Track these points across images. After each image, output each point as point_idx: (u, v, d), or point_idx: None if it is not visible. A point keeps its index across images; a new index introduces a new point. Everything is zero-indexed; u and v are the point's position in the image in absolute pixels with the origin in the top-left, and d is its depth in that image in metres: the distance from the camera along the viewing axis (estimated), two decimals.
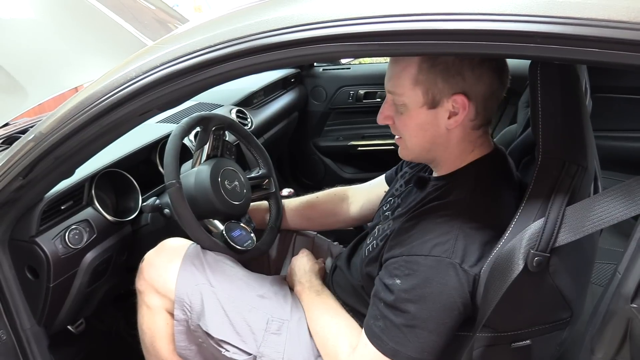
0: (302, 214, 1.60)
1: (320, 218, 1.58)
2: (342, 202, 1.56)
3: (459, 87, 0.93)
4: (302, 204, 1.62)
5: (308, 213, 1.60)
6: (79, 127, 0.98)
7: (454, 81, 0.92)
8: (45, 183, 1.15)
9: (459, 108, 0.94)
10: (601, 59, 0.66)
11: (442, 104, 0.95)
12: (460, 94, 0.93)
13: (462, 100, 0.93)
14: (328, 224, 1.56)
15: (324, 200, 1.58)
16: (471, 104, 0.95)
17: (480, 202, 0.97)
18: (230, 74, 0.87)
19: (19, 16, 1.80)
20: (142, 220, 1.53)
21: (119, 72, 0.95)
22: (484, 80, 0.93)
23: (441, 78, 0.93)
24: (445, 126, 0.97)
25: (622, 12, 0.63)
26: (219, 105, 2.21)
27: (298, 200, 1.64)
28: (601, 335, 0.72)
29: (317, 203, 1.59)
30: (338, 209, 1.55)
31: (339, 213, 1.54)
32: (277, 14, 0.82)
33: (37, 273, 1.27)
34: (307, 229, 1.61)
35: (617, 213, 0.72)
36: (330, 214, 1.56)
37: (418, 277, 0.92)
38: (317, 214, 1.58)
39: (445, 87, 0.93)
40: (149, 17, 2.29)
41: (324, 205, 1.58)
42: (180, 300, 1.20)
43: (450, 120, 0.96)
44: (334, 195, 1.58)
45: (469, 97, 0.94)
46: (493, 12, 0.68)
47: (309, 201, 1.61)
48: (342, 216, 1.54)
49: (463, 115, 0.95)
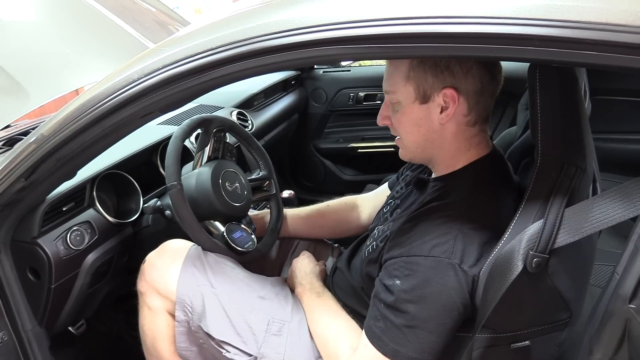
0: (313, 223, 1.61)
1: (331, 226, 1.59)
2: (352, 210, 1.58)
3: (448, 82, 0.95)
4: (313, 212, 1.63)
5: (320, 221, 1.61)
6: (82, 129, 0.99)
7: (442, 76, 0.95)
8: (48, 184, 1.15)
9: (449, 102, 0.96)
10: (599, 62, 0.66)
11: (433, 98, 0.97)
12: (449, 87, 0.95)
13: (451, 94, 0.95)
14: (339, 232, 1.57)
15: (335, 209, 1.60)
16: (462, 98, 0.96)
17: (479, 203, 0.98)
18: (232, 77, 0.88)
19: (20, 18, 1.80)
20: (143, 222, 1.54)
21: (121, 75, 0.95)
22: (473, 74, 0.95)
23: (431, 73, 0.95)
24: (438, 121, 0.99)
25: (619, 15, 0.63)
26: (219, 108, 2.22)
27: (309, 209, 1.65)
28: (599, 336, 0.72)
29: (328, 212, 1.60)
30: (349, 217, 1.57)
31: (350, 221, 1.55)
32: (278, 16, 0.83)
33: (39, 274, 1.27)
34: (317, 237, 1.62)
35: (615, 214, 0.72)
36: (342, 222, 1.57)
37: (418, 278, 0.93)
38: (328, 222, 1.59)
39: (435, 82, 0.96)
40: (149, 19, 2.29)
41: (335, 214, 1.59)
42: (182, 301, 1.20)
43: (442, 114, 0.98)
44: (345, 204, 1.60)
45: (459, 91, 0.96)
46: (492, 16, 0.69)
47: (319, 210, 1.62)
48: (354, 224, 1.55)
49: (453, 109, 0.97)
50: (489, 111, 1.03)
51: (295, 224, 1.62)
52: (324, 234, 1.60)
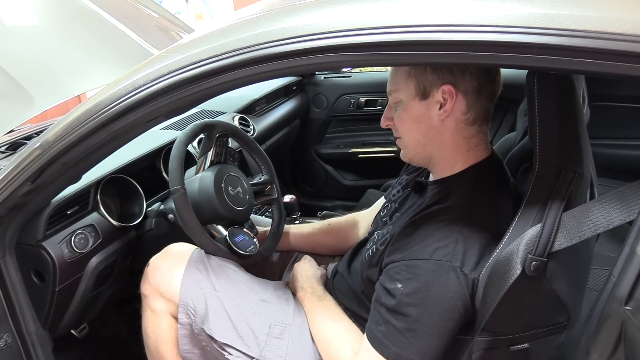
0: (316, 241, 1.62)
1: (333, 245, 1.60)
2: (353, 227, 1.59)
3: (447, 78, 0.98)
4: (315, 230, 1.64)
5: (322, 240, 1.61)
6: (88, 133, 1.00)
7: (441, 73, 0.98)
8: (53, 188, 1.16)
9: (448, 98, 0.99)
10: (596, 69, 0.68)
11: (432, 94, 1.00)
12: (448, 84, 0.98)
13: (449, 90, 0.98)
14: (340, 249, 1.57)
15: (337, 228, 1.61)
16: (460, 95, 0.99)
17: (479, 206, 0.99)
18: (236, 83, 0.89)
19: (24, 23, 1.82)
20: (147, 226, 1.55)
21: (127, 80, 0.97)
22: (470, 72, 0.98)
23: (430, 70, 0.98)
24: (437, 117, 1.01)
25: (616, 24, 0.65)
26: (222, 113, 2.24)
27: (311, 227, 1.66)
28: (596, 337, 0.73)
29: (330, 230, 1.61)
30: (350, 234, 1.58)
31: (351, 239, 1.56)
32: (281, 24, 0.84)
33: (43, 277, 1.28)
34: (319, 253, 1.63)
35: (612, 219, 0.74)
36: (344, 240, 1.58)
37: (419, 281, 0.94)
38: (331, 241, 1.60)
39: (435, 78, 0.99)
40: (151, 24, 2.30)
41: (337, 232, 1.60)
42: (185, 304, 1.21)
43: (441, 110, 1.00)
44: (346, 222, 1.61)
45: (457, 88, 0.98)
46: (492, 24, 0.70)
47: (322, 228, 1.63)
48: (355, 240, 1.55)
49: (451, 105, 0.99)
50: (488, 113, 1.05)
51: (297, 242, 1.64)
52: (326, 251, 1.61)
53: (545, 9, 0.68)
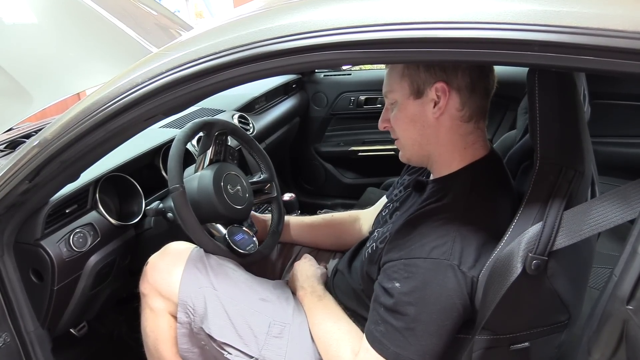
0: (318, 231, 1.63)
1: (336, 236, 1.61)
2: (355, 222, 1.59)
3: (439, 76, 0.98)
4: (319, 220, 1.65)
5: (325, 230, 1.62)
6: (86, 132, 1.00)
7: (434, 70, 0.98)
8: (51, 186, 1.16)
9: (441, 95, 0.99)
10: (597, 67, 0.67)
11: (426, 93, 1.00)
12: (440, 81, 0.98)
13: (442, 87, 0.98)
14: (342, 243, 1.58)
15: (340, 220, 1.62)
16: (453, 92, 0.99)
17: (477, 204, 0.99)
18: (235, 80, 0.89)
19: (23, 21, 1.81)
20: (146, 224, 1.55)
21: (125, 78, 0.96)
22: (462, 68, 0.98)
23: (423, 68, 0.99)
24: (432, 115, 1.01)
25: (617, 21, 0.64)
26: (221, 111, 2.23)
27: (314, 217, 1.67)
28: (598, 337, 0.73)
29: (333, 222, 1.63)
30: (352, 228, 1.59)
31: (353, 233, 1.57)
32: (281, 22, 0.83)
33: (42, 276, 1.28)
34: (320, 246, 1.63)
35: (613, 217, 0.73)
36: (346, 233, 1.58)
37: (417, 280, 0.94)
38: (333, 232, 1.61)
39: (427, 77, 0.99)
40: (151, 22, 2.29)
41: (340, 225, 1.61)
42: (184, 303, 1.21)
43: (435, 108, 1.00)
44: (349, 216, 1.62)
45: (450, 85, 0.98)
46: (493, 21, 0.69)
47: (325, 219, 1.65)
48: (356, 236, 1.56)
49: (445, 102, 0.99)
50: (484, 109, 1.04)
51: (300, 230, 1.64)
52: (327, 243, 1.62)
53: (547, 5, 0.68)
